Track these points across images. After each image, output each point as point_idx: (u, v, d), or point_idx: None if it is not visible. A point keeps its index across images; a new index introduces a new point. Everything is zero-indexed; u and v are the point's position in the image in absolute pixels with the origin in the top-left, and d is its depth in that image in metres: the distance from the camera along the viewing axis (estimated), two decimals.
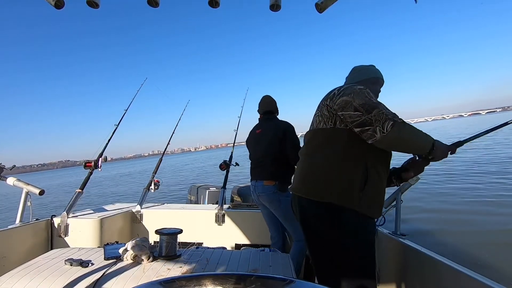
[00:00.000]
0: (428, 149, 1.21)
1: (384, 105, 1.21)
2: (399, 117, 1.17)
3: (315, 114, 1.40)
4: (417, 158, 1.39)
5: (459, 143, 1.32)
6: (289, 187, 2.16)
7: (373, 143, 1.17)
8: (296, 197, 1.37)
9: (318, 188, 1.26)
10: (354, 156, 1.23)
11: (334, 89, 1.34)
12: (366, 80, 1.45)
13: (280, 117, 2.42)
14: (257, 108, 2.46)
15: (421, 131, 1.21)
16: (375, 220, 1.35)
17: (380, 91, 1.49)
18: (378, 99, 1.36)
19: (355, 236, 1.22)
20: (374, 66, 1.51)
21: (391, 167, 1.44)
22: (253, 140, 2.40)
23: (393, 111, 1.23)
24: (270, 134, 2.25)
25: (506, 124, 1.32)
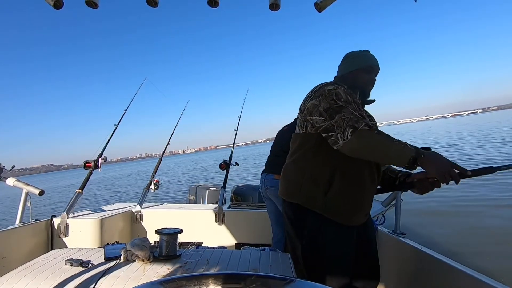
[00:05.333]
0: (405, 162, 1.02)
1: (353, 107, 1.13)
2: (366, 123, 1.07)
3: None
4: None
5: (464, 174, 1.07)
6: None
7: (339, 149, 1.11)
8: (280, 197, 1.44)
9: (289, 188, 1.33)
10: (322, 161, 1.23)
11: (314, 88, 1.29)
12: (359, 70, 1.35)
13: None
14: None
15: (396, 141, 1.04)
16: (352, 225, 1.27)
17: (375, 79, 1.38)
18: (374, 88, 1.37)
19: (317, 238, 1.23)
20: (368, 52, 1.38)
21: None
22: (279, 134, 2.51)
23: (372, 114, 1.21)
24: (290, 135, 2.33)
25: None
